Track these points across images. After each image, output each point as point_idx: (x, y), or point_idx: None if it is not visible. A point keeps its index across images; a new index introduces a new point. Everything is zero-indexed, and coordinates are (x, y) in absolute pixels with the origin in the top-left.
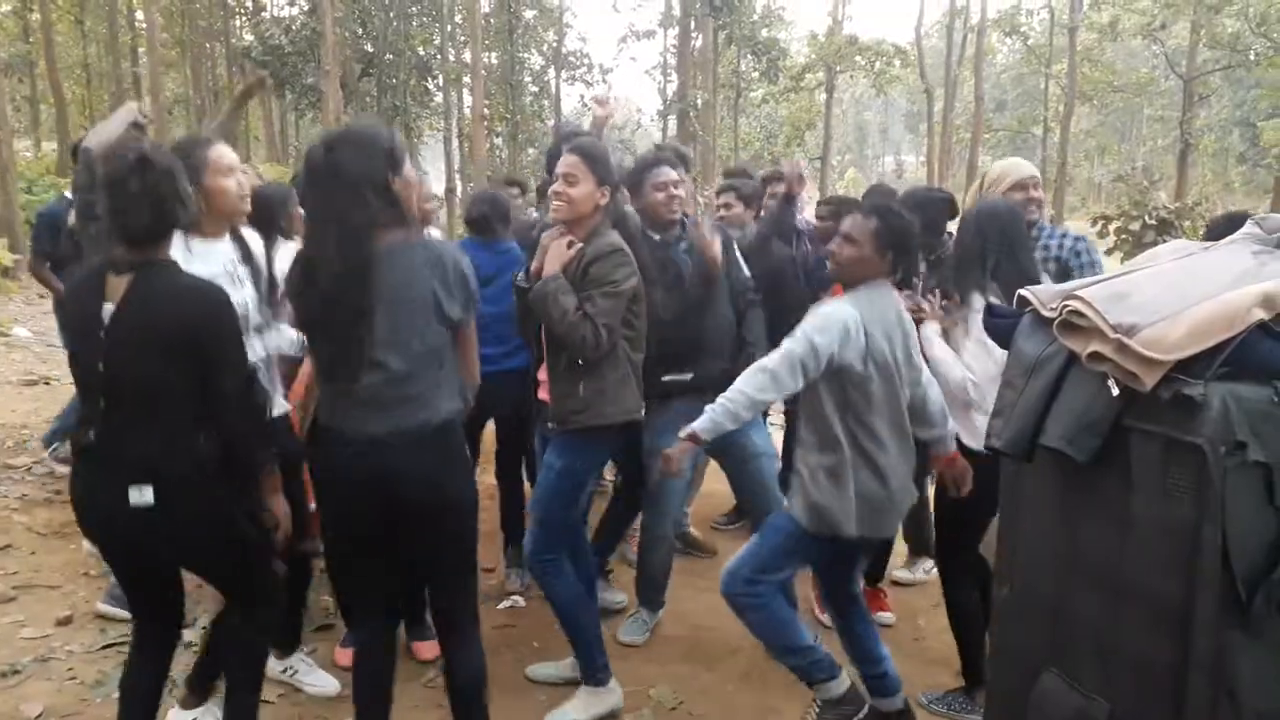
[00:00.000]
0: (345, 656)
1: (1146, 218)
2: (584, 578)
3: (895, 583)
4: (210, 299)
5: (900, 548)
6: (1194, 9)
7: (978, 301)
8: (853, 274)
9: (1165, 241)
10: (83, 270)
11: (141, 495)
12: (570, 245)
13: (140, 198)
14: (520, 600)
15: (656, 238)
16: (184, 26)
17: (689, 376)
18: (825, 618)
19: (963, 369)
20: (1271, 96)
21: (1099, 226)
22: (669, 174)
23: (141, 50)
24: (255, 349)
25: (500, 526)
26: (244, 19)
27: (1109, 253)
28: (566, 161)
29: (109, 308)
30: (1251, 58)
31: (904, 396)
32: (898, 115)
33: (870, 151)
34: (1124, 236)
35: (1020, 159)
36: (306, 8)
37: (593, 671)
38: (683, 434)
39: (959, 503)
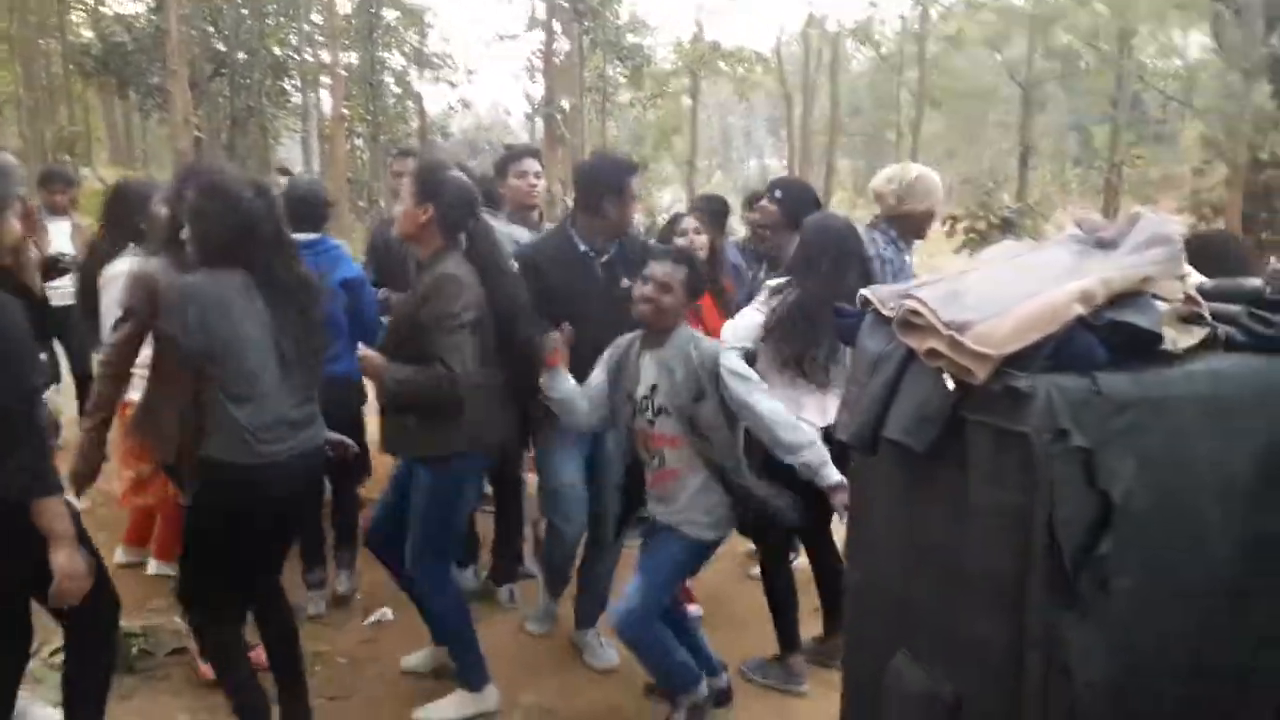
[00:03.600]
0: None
1: (991, 217)
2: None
3: None
4: None
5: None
6: (1030, 21)
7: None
8: (663, 321)
9: (1009, 239)
10: None
11: None
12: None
13: None
14: (389, 613)
15: (588, 252)
16: (12, 21)
17: None
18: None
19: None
20: (1101, 104)
21: (948, 226)
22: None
23: None
24: None
25: (333, 525)
26: (83, 14)
27: (957, 250)
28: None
29: None
30: (1083, 67)
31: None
32: (760, 120)
33: (735, 155)
34: (971, 235)
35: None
36: (151, 4)
37: (469, 676)
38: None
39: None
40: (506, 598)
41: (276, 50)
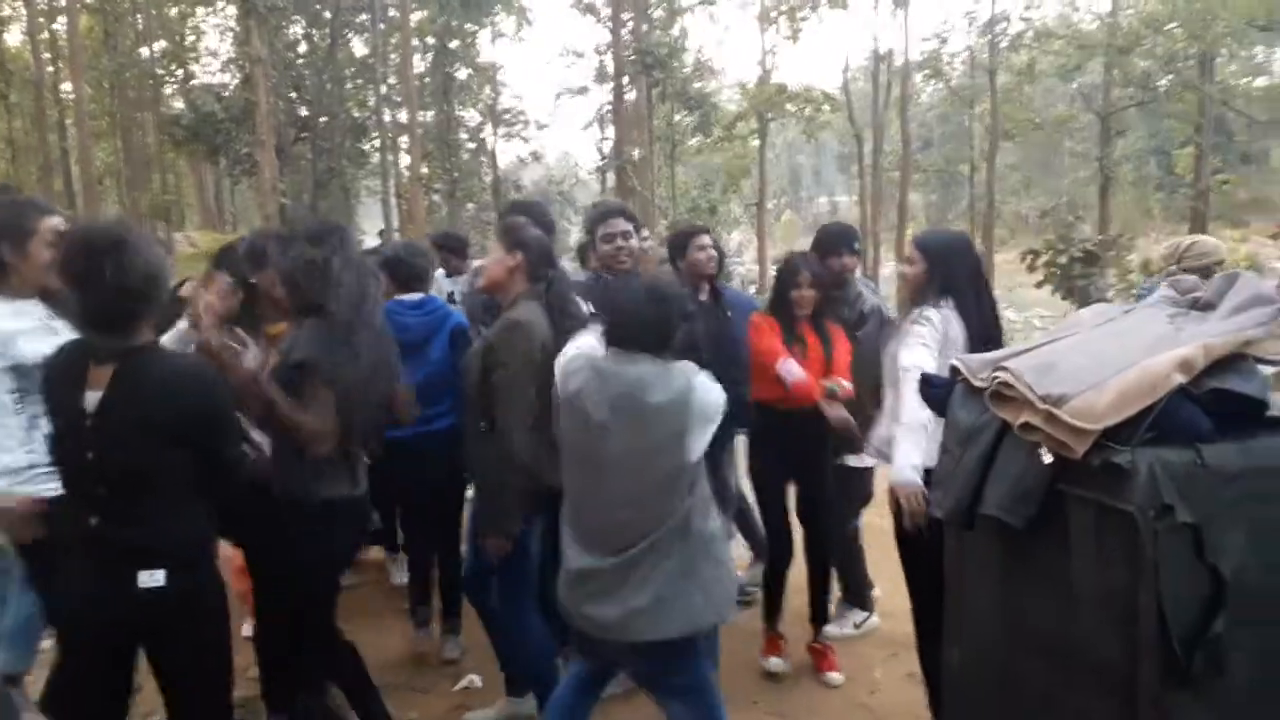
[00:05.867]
0: None
1: (1073, 251)
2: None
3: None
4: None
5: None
6: (1105, 51)
7: (933, 314)
8: None
9: (1092, 274)
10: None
11: (153, 578)
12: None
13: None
14: (477, 680)
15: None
16: (113, 98)
17: None
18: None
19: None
20: (1183, 129)
21: (1028, 261)
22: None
23: (69, 122)
24: None
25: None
26: (175, 87)
27: (1039, 285)
28: None
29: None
30: (1162, 91)
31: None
32: (830, 157)
33: (805, 194)
34: (1052, 270)
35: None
36: (239, 77)
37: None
38: None
39: (935, 557)
40: None
41: (356, 112)
